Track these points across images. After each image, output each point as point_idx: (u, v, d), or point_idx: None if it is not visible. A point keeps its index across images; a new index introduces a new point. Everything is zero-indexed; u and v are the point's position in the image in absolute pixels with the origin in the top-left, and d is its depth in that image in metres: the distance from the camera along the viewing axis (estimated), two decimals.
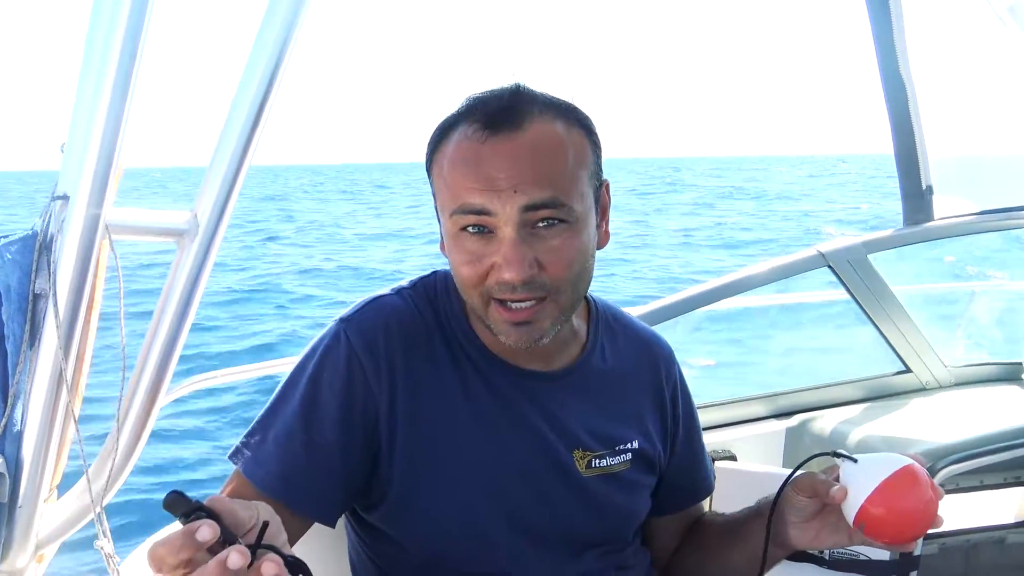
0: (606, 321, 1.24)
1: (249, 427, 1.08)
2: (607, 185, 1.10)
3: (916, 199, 2.17)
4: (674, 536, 1.32)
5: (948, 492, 2.06)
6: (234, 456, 1.05)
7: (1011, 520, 2.18)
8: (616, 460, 1.16)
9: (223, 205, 1.27)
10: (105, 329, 1.27)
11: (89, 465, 1.30)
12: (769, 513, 1.10)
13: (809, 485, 1.06)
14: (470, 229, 1.00)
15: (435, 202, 1.08)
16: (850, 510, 1.01)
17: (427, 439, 1.06)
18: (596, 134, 1.07)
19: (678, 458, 1.27)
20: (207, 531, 0.64)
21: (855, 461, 1.03)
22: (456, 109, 1.05)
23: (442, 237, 1.08)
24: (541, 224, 0.99)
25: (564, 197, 0.99)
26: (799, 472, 1.09)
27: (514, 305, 1.01)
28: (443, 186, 1.02)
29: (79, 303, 1.16)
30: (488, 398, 1.10)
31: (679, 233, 22.29)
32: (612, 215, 1.12)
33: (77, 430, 1.20)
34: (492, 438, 1.08)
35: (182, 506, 0.67)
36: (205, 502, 0.68)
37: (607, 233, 1.11)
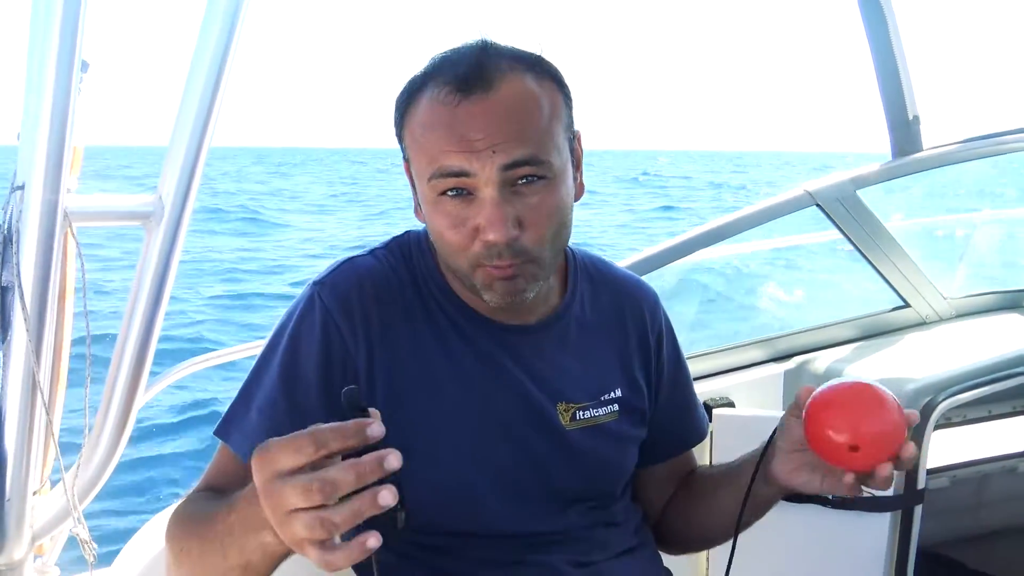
0: (585, 270, 1.22)
1: (232, 401, 1.07)
2: (579, 136, 1.09)
3: (903, 129, 2.12)
4: (665, 487, 1.29)
5: (956, 424, 2.07)
6: (220, 431, 1.05)
7: (1021, 449, 2.17)
8: (602, 411, 1.15)
9: (187, 185, 1.26)
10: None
11: (77, 455, 1.31)
12: (763, 446, 1.08)
13: (797, 401, 1.03)
14: (449, 193, 0.99)
15: (408, 167, 1.06)
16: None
17: (407, 397, 1.05)
18: (566, 85, 1.06)
19: (665, 404, 1.24)
20: (377, 429, 0.72)
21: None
22: (422, 70, 1.02)
23: (417, 203, 1.07)
24: (521, 182, 0.98)
25: (542, 153, 0.98)
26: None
27: (498, 262, 1.00)
28: (418, 151, 1.01)
29: (46, 292, 1.15)
30: (467, 354, 1.09)
31: None
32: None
33: (50, 423, 1.19)
34: (472, 394, 1.07)
35: (357, 402, 0.76)
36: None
37: (582, 185, 1.10)
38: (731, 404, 1.93)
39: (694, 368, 1.99)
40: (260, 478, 0.73)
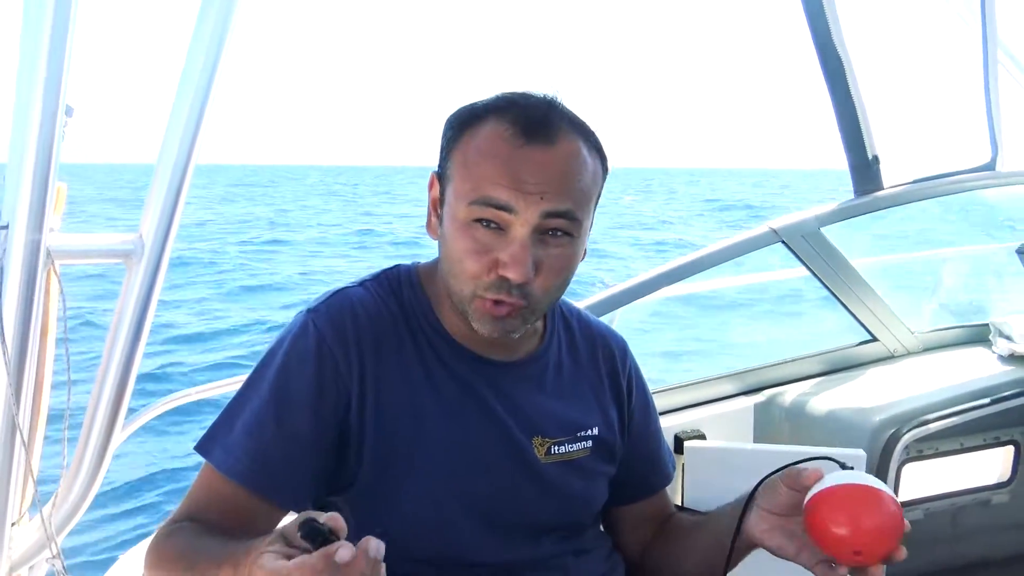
0: (562, 315, 1.28)
1: (215, 419, 1.08)
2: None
3: (863, 169, 2.19)
4: (641, 528, 1.32)
5: (928, 457, 2.10)
6: (202, 448, 1.06)
7: (994, 481, 2.20)
8: (576, 447, 1.18)
9: (168, 223, 1.31)
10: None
11: (55, 487, 1.33)
12: (746, 500, 1.10)
13: (796, 475, 1.05)
14: (483, 222, 1.03)
15: (439, 182, 1.11)
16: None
17: (393, 427, 1.08)
18: (607, 164, 1.13)
19: (634, 447, 1.28)
20: (346, 553, 0.70)
21: (850, 468, 1.04)
22: (487, 101, 1.08)
23: (439, 220, 1.10)
24: (550, 233, 1.04)
25: (578, 212, 1.05)
26: (792, 467, 1.07)
27: (499, 302, 1.05)
28: (466, 174, 1.05)
29: (27, 330, 1.18)
30: (451, 386, 1.12)
31: None
32: None
33: (28, 459, 1.22)
34: (455, 425, 1.11)
35: (316, 531, 0.74)
36: (325, 522, 0.75)
37: (585, 251, 1.15)
38: (702, 436, 1.96)
39: (666, 401, 2.03)
40: None
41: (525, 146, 1.03)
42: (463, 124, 1.08)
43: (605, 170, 1.12)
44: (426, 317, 1.15)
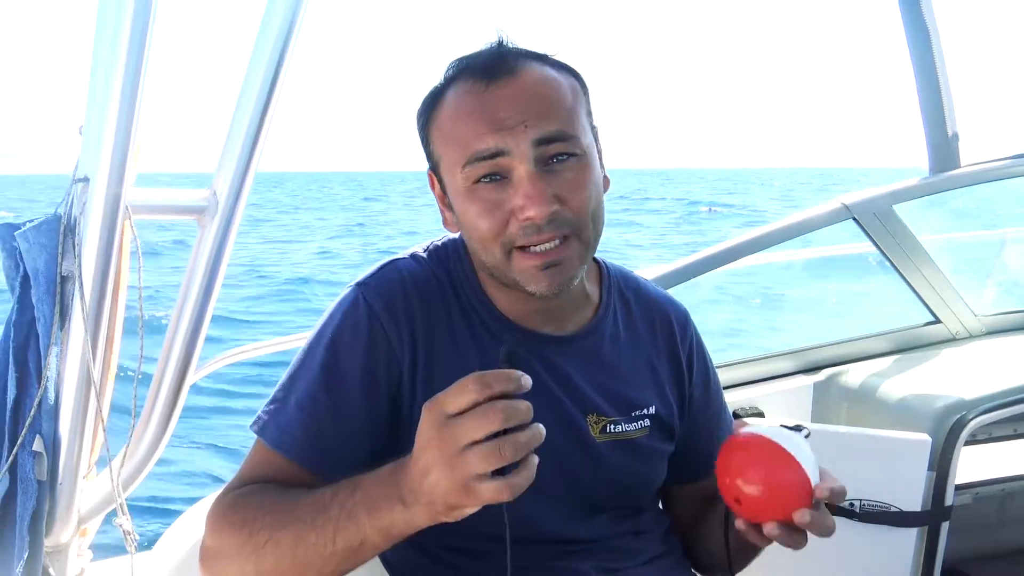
0: (618, 285, 1.23)
1: (269, 396, 1.07)
2: (597, 131, 1.11)
3: (942, 147, 2.12)
4: (694, 506, 1.29)
5: (981, 442, 2.07)
6: (256, 425, 1.05)
7: None
8: (632, 427, 1.15)
9: (241, 181, 1.29)
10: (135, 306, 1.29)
11: (127, 441, 1.34)
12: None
13: None
14: (484, 180, 1.00)
15: (434, 177, 1.09)
16: None
17: None
18: (581, 76, 1.09)
19: (694, 424, 1.24)
20: (529, 381, 0.79)
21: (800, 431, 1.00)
22: (443, 76, 1.06)
23: (449, 207, 1.08)
24: (554, 160, 1.00)
25: (570, 129, 1.01)
26: None
27: (539, 248, 1.01)
28: (449, 144, 1.03)
29: (105, 283, 1.18)
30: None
31: None
32: None
33: (99, 410, 1.22)
34: None
35: (517, 357, 0.83)
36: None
37: (607, 178, 1.12)
38: (760, 414, 1.94)
39: (724, 377, 2.00)
40: (432, 421, 0.80)
41: (489, 87, 1.00)
42: (428, 107, 1.06)
43: (583, 84, 1.08)
44: (474, 290, 1.12)
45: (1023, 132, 2.29)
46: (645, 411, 1.17)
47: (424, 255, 1.14)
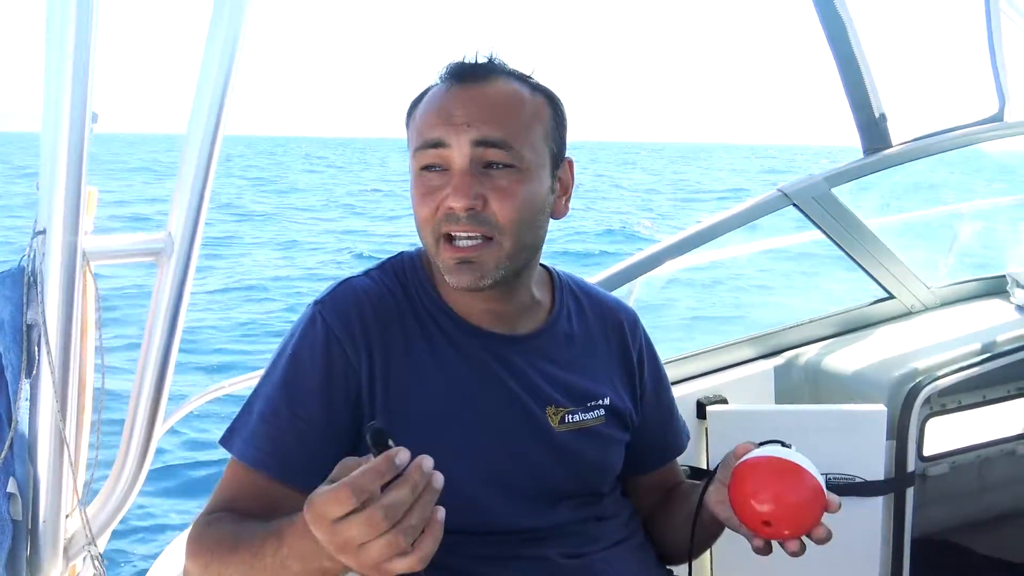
0: (569, 289, 1.30)
1: (237, 413, 1.14)
2: (570, 163, 1.20)
3: (871, 128, 2.20)
4: (649, 495, 1.36)
5: (951, 411, 2.12)
6: (225, 441, 1.11)
7: (1019, 431, 2.21)
8: (589, 415, 1.21)
9: (195, 220, 1.35)
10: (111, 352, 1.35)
11: (103, 479, 1.38)
12: (708, 477, 1.15)
13: (743, 449, 1.09)
14: (429, 169, 1.09)
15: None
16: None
17: (403, 405, 1.12)
18: (560, 108, 1.17)
19: (647, 419, 1.31)
20: (405, 455, 0.78)
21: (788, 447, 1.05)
22: (437, 75, 1.15)
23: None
24: (493, 166, 1.08)
25: (513, 141, 1.08)
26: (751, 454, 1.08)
27: (459, 242, 1.09)
28: (413, 131, 1.13)
29: (69, 329, 1.23)
30: (460, 363, 1.16)
31: None
32: None
33: (77, 453, 1.27)
34: (464, 400, 1.14)
35: (382, 437, 0.80)
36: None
37: (566, 207, 1.20)
38: (724, 401, 1.99)
39: (687, 368, 2.06)
40: (319, 528, 0.79)
41: (454, 87, 1.10)
42: (416, 100, 1.15)
43: (556, 111, 1.16)
44: (431, 298, 1.18)
45: (949, 105, 2.37)
46: (600, 401, 1.23)
47: (378, 272, 1.21)
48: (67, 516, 1.31)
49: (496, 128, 1.08)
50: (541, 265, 1.26)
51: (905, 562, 1.91)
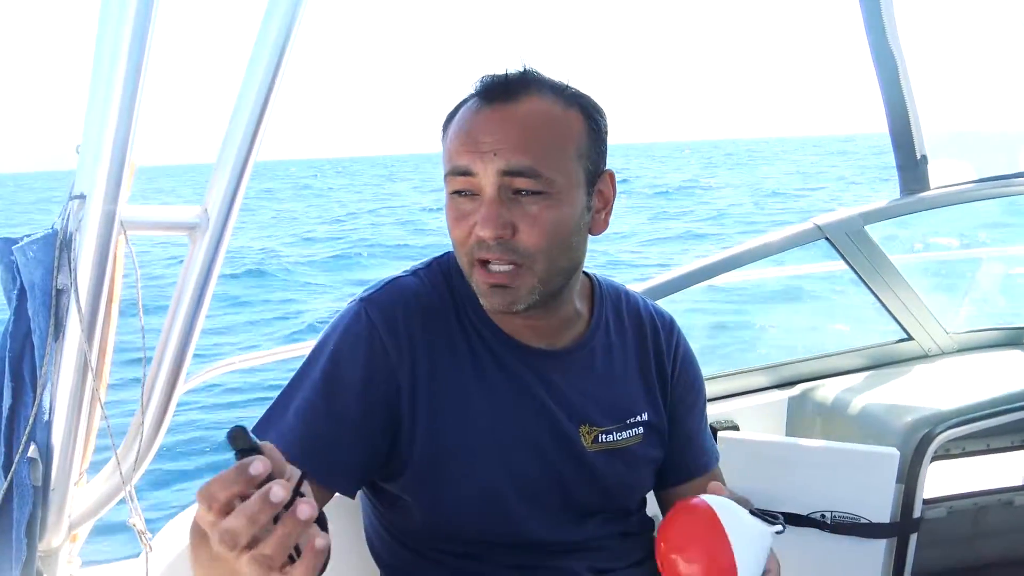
0: (609, 298, 1.29)
1: (270, 404, 1.12)
2: (611, 175, 1.16)
3: (911, 169, 2.19)
4: None
5: (955, 456, 2.12)
6: (259, 432, 1.09)
7: (1019, 482, 2.21)
8: (625, 435, 1.20)
9: (231, 199, 1.33)
10: (127, 320, 1.33)
11: (117, 448, 1.37)
12: None
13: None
14: (461, 193, 1.08)
15: None
16: None
17: (443, 415, 1.11)
18: (598, 120, 1.12)
19: (680, 428, 1.29)
20: (259, 465, 0.67)
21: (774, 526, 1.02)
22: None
23: None
24: (522, 193, 1.05)
25: (543, 168, 1.05)
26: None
27: (492, 268, 1.07)
28: (446, 153, 1.10)
29: (99, 296, 1.22)
30: (498, 375, 1.15)
31: None
32: None
33: (104, 416, 1.26)
34: (501, 412, 1.13)
35: (242, 441, 0.69)
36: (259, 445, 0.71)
37: (605, 222, 1.16)
38: (736, 427, 1.99)
39: None
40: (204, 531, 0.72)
41: (483, 108, 1.07)
42: (450, 116, 1.12)
43: (593, 127, 1.11)
44: (474, 306, 1.17)
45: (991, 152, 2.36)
46: (638, 418, 1.22)
47: (426, 271, 1.20)
48: (75, 484, 1.30)
49: (524, 155, 1.04)
50: (584, 273, 1.24)
51: None
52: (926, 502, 2.04)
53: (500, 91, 1.07)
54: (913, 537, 1.89)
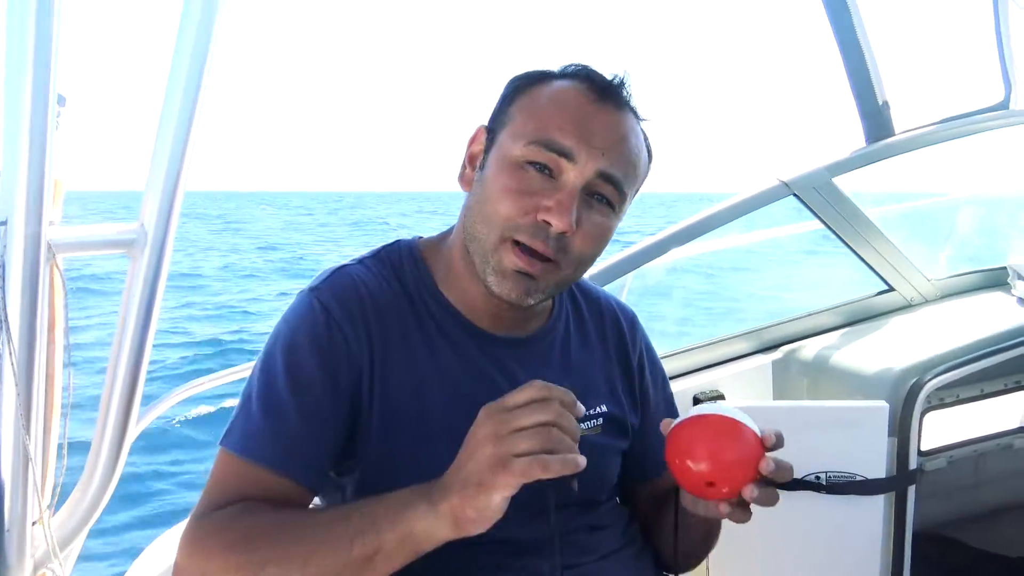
0: (569, 290, 1.25)
1: (234, 411, 1.06)
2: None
3: (875, 116, 2.15)
4: (652, 503, 1.29)
5: (949, 405, 2.09)
6: (226, 439, 1.03)
7: (1016, 425, 2.19)
8: (586, 425, 1.16)
9: (169, 211, 1.28)
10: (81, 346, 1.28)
11: (75, 483, 1.32)
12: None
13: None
14: (537, 166, 1.02)
15: (494, 134, 1.09)
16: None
17: (397, 402, 1.06)
18: (651, 161, 1.14)
19: (648, 425, 1.26)
20: (582, 410, 0.89)
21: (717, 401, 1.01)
22: (559, 68, 1.09)
23: (479, 167, 1.09)
24: (596, 197, 1.04)
25: (627, 184, 1.06)
26: None
27: (531, 256, 1.03)
28: (530, 115, 1.05)
29: (34, 325, 1.17)
30: (455, 362, 1.10)
31: None
32: None
33: (47, 455, 1.21)
34: (458, 401, 1.08)
35: None
36: None
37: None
38: (721, 397, 1.95)
39: (683, 363, 2.02)
40: (488, 413, 0.88)
41: (596, 103, 1.05)
42: (532, 80, 1.09)
43: (650, 163, 1.13)
44: (429, 292, 1.13)
45: (952, 94, 2.33)
46: (597, 410, 1.18)
47: (373, 260, 1.15)
48: (34, 523, 1.25)
49: (622, 166, 1.04)
50: None
51: (906, 560, 1.87)
52: (925, 454, 2.01)
53: (611, 92, 1.06)
54: (911, 490, 1.86)
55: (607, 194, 1.04)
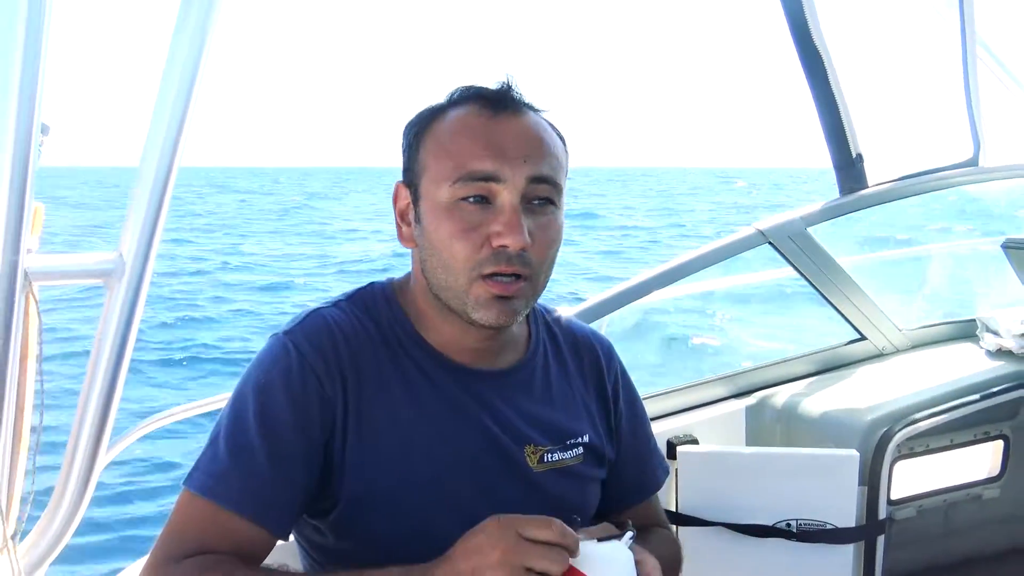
0: (545, 320, 1.26)
1: (201, 452, 1.05)
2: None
3: (848, 168, 2.19)
4: None
5: (919, 454, 2.10)
6: (190, 481, 1.02)
7: (984, 476, 2.20)
8: (568, 455, 1.17)
9: (149, 240, 1.28)
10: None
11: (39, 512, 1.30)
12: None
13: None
14: (470, 200, 1.03)
15: (414, 186, 1.09)
16: None
17: (376, 440, 1.06)
18: (566, 143, 1.15)
19: (623, 451, 1.27)
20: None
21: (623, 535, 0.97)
22: (446, 97, 1.10)
23: (412, 221, 1.09)
24: (536, 201, 1.05)
25: (558, 179, 1.07)
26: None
27: (502, 279, 1.03)
28: (441, 157, 1.05)
29: (7, 354, 1.16)
30: (433, 399, 1.10)
31: None
32: None
33: (12, 484, 1.19)
34: (439, 438, 1.09)
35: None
36: None
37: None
38: (695, 441, 1.95)
39: (657, 406, 2.02)
40: (504, 531, 0.89)
41: (495, 116, 1.05)
42: (425, 120, 1.09)
43: (566, 149, 1.13)
44: (405, 332, 1.13)
45: (926, 147, 2.38)
46: (579, 439, 1.19)
47: (347, 303, 1.15)
48: None
49: (546, 164, 1.05)
50: None
51: None
52: (895, 503, 2.02)
53: (507, 101, 1.07)
54: (881, 539, 1.86)
55: (545, 194, 1.05)
